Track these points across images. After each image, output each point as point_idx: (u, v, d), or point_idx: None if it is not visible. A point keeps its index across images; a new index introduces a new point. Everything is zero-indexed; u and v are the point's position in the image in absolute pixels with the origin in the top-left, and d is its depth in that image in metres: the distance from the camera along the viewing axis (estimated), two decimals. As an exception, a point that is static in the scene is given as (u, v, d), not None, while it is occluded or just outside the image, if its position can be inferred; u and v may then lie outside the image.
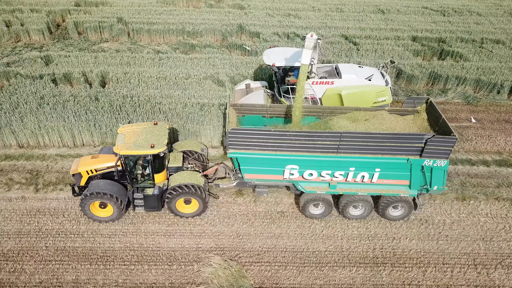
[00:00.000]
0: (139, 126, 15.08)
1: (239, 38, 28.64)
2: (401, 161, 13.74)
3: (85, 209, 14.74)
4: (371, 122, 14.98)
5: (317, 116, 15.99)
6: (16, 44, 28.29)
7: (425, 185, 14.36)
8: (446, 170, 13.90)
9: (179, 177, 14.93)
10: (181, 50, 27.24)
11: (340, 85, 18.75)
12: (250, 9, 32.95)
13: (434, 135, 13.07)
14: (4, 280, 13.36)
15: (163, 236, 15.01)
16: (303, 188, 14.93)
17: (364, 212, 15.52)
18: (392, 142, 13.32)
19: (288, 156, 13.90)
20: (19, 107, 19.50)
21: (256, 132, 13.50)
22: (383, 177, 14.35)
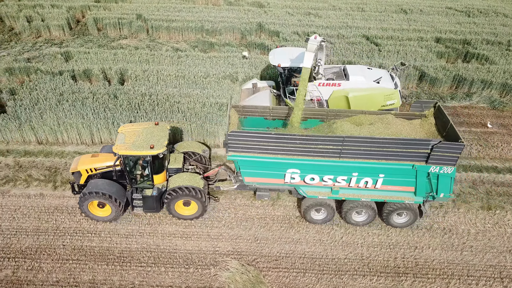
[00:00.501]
0: (139, 126, 14.87)
1: (258, 36, 28.31)
2: (406, 167, 13.27)
3: (83, 208, 14.66)
4: (376, 126, 14.47)
5: (321, 119, 15.57)
6: (36, 40, 28.46)
7: (431, 192, 13.86)
8: (453, 177, 13.39)
9: (178, 179, 14.70)
10: (200, 48, 27.04)
11: (347, 87, 18.30)
12: (270, 7, 32.59)
13: (440, 141, 12.60)
14: (22, 278, 13.35)
15: (180, 238, 14.84)
16: (304, 193, 14.56)
17: (367, 218, 15.08)
18: (397, 147, 12.86)
19: (289, 160, 13.54)
20: (39, 103, 19.58)
21: (256, 135, 13.17)
22: (387, 183, 13.90)
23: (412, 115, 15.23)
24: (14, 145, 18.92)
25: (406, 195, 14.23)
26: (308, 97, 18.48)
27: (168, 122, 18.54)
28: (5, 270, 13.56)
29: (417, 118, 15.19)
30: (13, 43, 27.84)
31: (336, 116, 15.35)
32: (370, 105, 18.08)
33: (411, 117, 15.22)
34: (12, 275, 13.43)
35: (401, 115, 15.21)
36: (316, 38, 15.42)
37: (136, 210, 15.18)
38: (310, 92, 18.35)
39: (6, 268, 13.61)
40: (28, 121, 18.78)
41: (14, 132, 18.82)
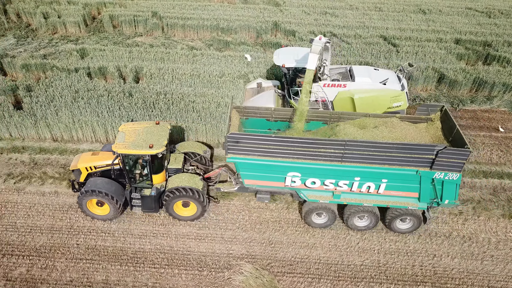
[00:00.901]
0: (140, 125, 14.74)
1: (274, 36, 28.02)
2: (410, 172, 12.95)
3: (82, 206, 14.60)
4: (380, 129, 14.09)
5: (324, 121, 15.26)
6: (52, 36, 28.57)
7: (436, 198, 13.51)
8: (459, 184, 13.07)
9: (177, 179, 14.54)
10: (215, 47, 26.84)
11: (353, 89, 17.94)
12: (286, 6, 32.25)
13: (445, 147, 12.23)
14: (36, 276, 13.34)
15: (193, 239, 14.69)
16: (305, 197, 14.28)
17: (369, 223, 14.78)
18: (401, 152, 12.56)
19: (290, 163, 13.28)
20: (54, 100, 19.59)
21: (255, 137, 12.91)
22: (390, 188, 13.58)
23: (418, 119, 14.82)
24: (29, 141, 18.97)
25: (409, 201, 13.90)
26: (313, 97, 18.21)
27: (183, 122, 18.41)
28: (19, 268, 13.56)
29: (423, 122, 14.80)
30: (30, 39, 27.98)
31: (339, 119, 15.04)
32: (376, 107, 17.73)
33: (416, 120, 14.82)
34: (27, 273, 13.43)
35: (407, 119, 14.83)
36: (321, 39, 15.21)
37: (134, 210, 15.07)
38: (315, 93, 18.07)
39: (20, 266, 13.62)
40: (44, 118, 18.81)
41: (30, 128, 18.87)
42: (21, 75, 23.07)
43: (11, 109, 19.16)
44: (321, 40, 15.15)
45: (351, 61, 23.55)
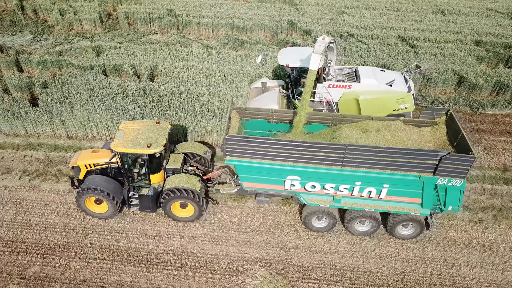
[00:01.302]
0: (140, 124, 14.59)
1: (290, 35, 27.70)
2: (413, 178, 12.64)
3: (80, 203, 14.56)
4: (382, 133, 13.75)
5: (325, 124, 14.96)
6: (68, 33, 28.66)
7: (439, 204, 13.19)
8: (463, 190, 12.77)
9: (175, 180, 14.37)
10: (230, 46, 26.64)
11: (358, 90, 17.58)
12: (302, 5, 31.87)
13: (449, 153, 11.91)
14: (49, 275, 13.32)
15: (207, 241, 14.54)
16: (305, 200, 13.99)
17: (370, 228, 14.46)
18: (403, 157, 12.24)
19: (289, 166, 13.04)
20: (70, 97, 19.59)
21: (254, 140, 12.67)
22: (392, 193, 13.26)
23: (422, 122, 14.45)
24: (44, 139, 19.01)
25: (412, 207, 13.55)
26: (318, 98, 17.95)
27: (197, 122, 18.26)
28: (33, 266, 13.56)
29: (428, 126, 14.41)
30: (46, 36, 28.11)
31: (341, 121, 14.73)
32: (381, 109, 17.39)
33: (421, 124, 14.44)
34: (41, 271, 13.42)
35: (411, 122, 14.45)
36: (325, 39, 14.89)
37: (132, 209, 15.00)
38: (320, 94, 17.81)
39: (34, 264, 13.62)
40: (59, 115, 18.82)
41: (45, 126, 18.90)
42: (37, 71, 23.16)
43: (27, 105, 19.22)
44: (325, 40, 14.87)
45: (368, 62, 23.15)
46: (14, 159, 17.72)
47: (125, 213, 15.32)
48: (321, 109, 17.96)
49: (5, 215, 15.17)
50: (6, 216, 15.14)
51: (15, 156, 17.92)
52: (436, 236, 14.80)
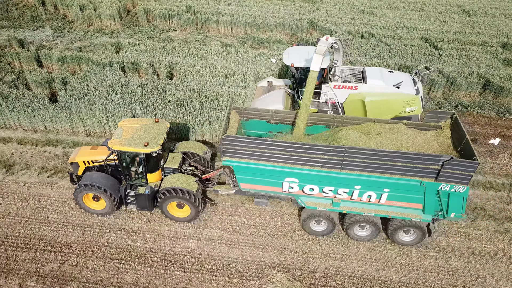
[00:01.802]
0: (139, 122, 14.42)
1: (310, 34, 27.26)
2: (414, 183, 12.27)
3: (78, 199, 14.51)
4: (384, 136, 13.39)
5: (327, 125, 14.64)
6: (88, 29, 28.72)
7: (441, 211, 12.79)
8: (466, 197, 12.36)
9: (172, 180, 14.14)
10: (249, 44, 26.34)
11: (364, 91, 17.18)
12: (322, 4, 31.38)
13: (452, 158, 11.51)
14: (67, 273, 13.28)
15: (224, 244, 14.34)
16: (303, 203, 13.69)
17: (371, 233, 14.10)
18: (404, 162, 11.87)
19: (287, 168, 12.76)
20: (89, 94, 19.58)
21: (251, 141, 12.41)
22: (392, 198, 12.90)
23: (426, 126, 14.01)
24: (63, 135, 19.02)
25: (413, 212, 13.17)
26: (323, 99, 17.58)
27: (216, 122, 18.04)
28: (51, 264, 13.54)
29: (432, 130, 13.98)
30: (66, 31, 28.21)
31: (343, 123, 14.40)
32: (388, 111, 16.98)
33: (425, 128, 14.01)
34: (58, 269, 13.39)
35: (415, 126, 14.04)
36: (328, 39, 14.57)
37: (129, 207, 14.92)
38: (325, 94, 17.46)
39: (52, 262, 13.59)
40: (78, 111, 18.82)
41: (64, 122, 18.91)
42: (56, 67, 23.24)
43: (46, 101, 19.27)
44: (328, 40, 14.54)
45: (390, 63, 22.63)
46: (33, 155, 17.76)
47: (142, 213, 15.21)
48: (326, 110, 17.64)
49: (24, 211, 15.20)
50: (25, 212, 15.17)
51: (34, 152, 17.96)
52: (460, 246, 14.34)
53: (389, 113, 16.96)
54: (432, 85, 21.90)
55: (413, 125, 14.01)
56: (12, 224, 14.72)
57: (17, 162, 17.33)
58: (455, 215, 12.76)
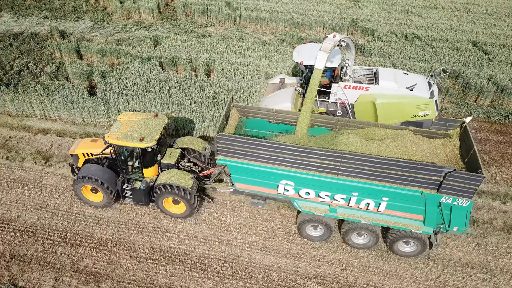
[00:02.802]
0: (138, 116, 14.24)
1: (351, 34, 26.41)
2: (414, 193, 11.69)
3: (76, 191, 14.58)
4: (386, 142, 12.69)
5: (329, 128, 14.08)
6: (127, 21, 28.81)
7: (443, 224, 12.18)
8: (470, 211, 11.74)
9: (167, 175, 13.96)
10: (288, 43, 25.73)
11: (375, 93, 16.32)
12: (364, 2, 30.34)
13: (455, 169, 10.88)
14: (101, 271, 13.25)
15: (259, 250, 13.98)
16: (299, 207, 13.26)
17: (369, 242, 13.63)
18: (403, 171, 11.30)
19: (282, 171, 12.37)
20: (127, 88, 19.55)
21: (245, 141, 12.10)
22: (391, 207, 12.34)
23: (434, 134, 13.25)
24: (100, 128, 19.07)
25: (413, 223, 12.59)
26: (333, 99, 16.91)
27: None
28: (86, 260, 13.54)
29: (440, 138, 13.19)
30: (105, 24, 28.40)
31: (346, 127, 13.80)
32: (399, 114, 16.16)
33: (433, 135, 13.24)
34: (93, 265, 13.38)
35: (421, 133, 13.30)
36: (335, 37, 13.86)
37: (126, 201, 14.88)
38: (335, 94, 16.79)
39: (87, 257, 13.59)
40: (116, 106, 18.80)
41: (102, 115, 18.95)
42: (96, 59, 23.37)
43: (85, 94, 19.37)
44: (336, 38, 13.87)
45: (436, 67, 21.58)
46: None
47: (177, 213, 15.03)
48: (335, 110, 17.05)
49: (61, 204, 15.29)
50: (62, 205, 15.25)
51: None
52: (509, 269, 13.46)
53: (401, 117, 16.25)
54: (480, 92, 20.75)
55: (420, 132, 13.34)
56: (49, 217, 14.83)
57: (55, 154, 17.48)
58: (458, 229, 12.19)
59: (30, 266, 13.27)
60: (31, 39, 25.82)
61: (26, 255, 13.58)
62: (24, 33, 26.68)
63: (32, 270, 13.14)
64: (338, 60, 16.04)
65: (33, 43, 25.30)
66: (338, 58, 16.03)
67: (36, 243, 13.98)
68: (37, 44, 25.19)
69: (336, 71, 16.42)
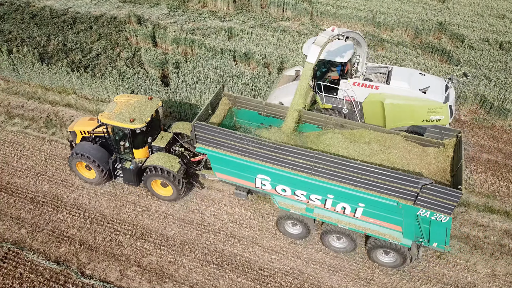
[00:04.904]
0: (134, 98, 14.55)
1: (437, 38, 24.40)
2: (390, 203, 10.96)
3: (72, 167, 15.18)
4: (371, 146, 12.06)
5: (319, 126, 13.54)
6: (201, 10, 28.68)
7: (422, 238, 11.46)
8: (449, 228, 10.91)
9: (155, 158, 14.25)
10: (367, 43, 24.23)
11: (385, 92, 15.26)
12: (454, 4, 27.96)
13: (432, 182, 10.17)
14: (164, 269, 13.13)
15: (325, 269, 13.20)
16: (276, 203, 13.11)
17: (347, 246, 13.22)
18: (378, 178, 10.65)
19: (259, 165, 12.10)
20: (199, 81, 19.29)
21: (221, 132, 12.02)
22: (368, 215, 11.73)
23: (427, 142, 12.40)
24: (171, 120, 19.03)
25: (391, 233, 11.99)
26: (341, 95, 16.05)
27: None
28: (150, 256, 13.48)
29: (435, 147, 12.31)
30: (181, 11, 28.44)
31: (335, 126, 13.25)
32: (409, 117, 15.17)
33: (427, 143, 12.39)
34: (156, 263, 13.29)
35: (416, 140, 12.47)
36: (334, 30, 12.77)
37: (118, 180, 15.32)
38: (344, 91, 15.85)
39: (151, 254, 13.53)
40: (188, 99, 18.62)
41: (174, 107, 18.86)
42: (170, 48, 23.40)
43: (159, 84, 19.37)
44: (334, 32, 12.80)
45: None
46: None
47: (242, 217, 14.59)
48: (341, 107, 16.11)
49: (129, 195, 15.39)
50: (130, 196, 15.34)
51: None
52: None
53: (411, 120, 15.24)
54: None
55: (413, 139, 12.50)
56: (118, 207, 14.97)
57: (127, 142, 17.64)
58: (438, 246, 11.51)
59: (97, 255, 13.43)
60: (110, 22, 26.39)
61: (94, 243, 13.78)
62: (103, 16, 27.35)
63: (99, 260, 13.30)
64: (349, 55, 15.36)
65: (112, 26, 25.84)
66: (349, 53, 15.39)
67: (104, 232, 14.15)
68: (115, 28, 25.70)
69: (347, 67, 15.75)
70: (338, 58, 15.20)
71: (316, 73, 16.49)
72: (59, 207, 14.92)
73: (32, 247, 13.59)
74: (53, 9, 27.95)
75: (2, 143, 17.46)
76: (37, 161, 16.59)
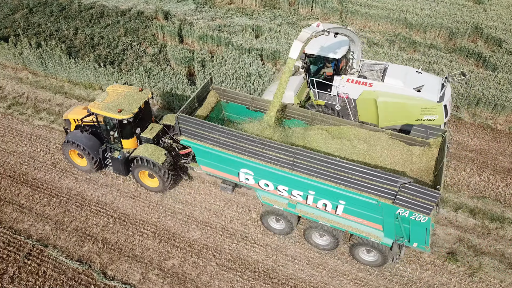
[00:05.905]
0: (125, 89, 14.55)
1: (473, 42, 23.41)
2: (370, 201, 10.84)
3: (65, 154, 15.50)
4: (354, 143, 12.21)
5: (305, 122, 13.55)
6: (229, 7, 28.32)
7: (403, 237, 11.36)
8: (429, 229, 10.72)
9: (142, 149, 14.37)
10: (398, 45, 23.48)
11: (379, 90, 15.12)
12: (491, 5, 26.83)
13: (410, 181, 10.05)
14: (186, 274, 12.92)
15: (351, 282, 12.76)
16: (260, 197, 13.12)
17: (329, 244, 13.15)
18: (357, 175, 10.57)
19: (242, 159, 12.07)
20: (226, 80, 18.98)
21: (204, 125, 12.00)
22: (349, 212, 11.69)
23: (413, 140, 12.37)
24: (196, 119, 18.78)
25: (372, 232, 11.89)
26: (335, 92, 15.88)
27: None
28: (172, 259, 13.30)
29: (420, 146, 12.29)
30: (208, 7, 28.15)
31: (321, 122, 13.22)
32: (403, 115, 15.01)
33: (412, 142, 12.37)
34: (179, 267, 13.10)
35: (401, 138, 12.45)
36: (319, 26, 12.38)
37: (107, 169, 15.55)
38: (337, 87, 15.69)
39: (174, 257, 13.35)
40: (214, 98, 18.30)
41: (198, 107, 18.59)
42: (197, 45, 23.16)
43: (185, 82, 19.13)
44: (318, 28, 12.41)
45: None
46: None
47: (267, 224, 14.27)
48: (334, 104, 15.95)
49: (153, 195, 15.24)
50: (154, 197, 15.20)
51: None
52: None
53: (404, 119, 15.08)
54: None
55: (399, 138, 12.54)
56: (141, 207, 14.84)
57: (151, 141, 17.49)
58: (418, 246, 11.45)
59: (119, 256, 13.33)
60: (137, 17, 26.32)
61: (117, 244, 13.68)
62: (130, 11, 27.31)
63: (121, 261, 13.19)
64: (343, 51, 15.23)
65: (138, 21, 25.76)
66: (343, 49, 15.29)
67: (127, 232, 14.04)
68: (142, 23, 25.61)
69: (342, 63, 15.53)
70: (332, 54, 15.19)
71: (310, 68, 16.41)
72: (83, 204, 14.89)
73: (55, 244, 13.58)
74: (81, 2, 28.06)
75: (28, 137, 17.57)
76: (62, 157, 16.61)
